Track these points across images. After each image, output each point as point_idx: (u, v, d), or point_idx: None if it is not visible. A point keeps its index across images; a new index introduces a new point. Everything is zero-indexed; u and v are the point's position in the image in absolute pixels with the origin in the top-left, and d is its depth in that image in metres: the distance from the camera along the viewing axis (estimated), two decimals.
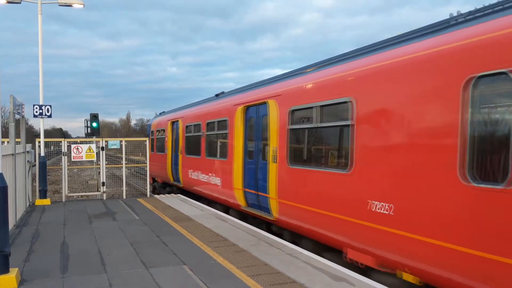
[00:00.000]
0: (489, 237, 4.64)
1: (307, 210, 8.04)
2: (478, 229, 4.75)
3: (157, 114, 24.42)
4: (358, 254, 6.70)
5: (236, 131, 11.39)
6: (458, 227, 5.01)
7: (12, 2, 14.31)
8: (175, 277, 6.23)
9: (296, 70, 9.75)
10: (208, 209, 12.56)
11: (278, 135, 9.15)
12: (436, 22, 6.13)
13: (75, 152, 14.80)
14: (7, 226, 6.01)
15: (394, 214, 5.92)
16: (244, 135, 11.26)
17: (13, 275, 5.87)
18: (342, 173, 6.99)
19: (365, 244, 6.55)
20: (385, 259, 6.19)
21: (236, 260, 7.05)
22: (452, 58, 5.20)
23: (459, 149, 4.99)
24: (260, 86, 10.96)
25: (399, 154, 5.91)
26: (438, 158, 5.27)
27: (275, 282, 5.94)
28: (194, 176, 14.97)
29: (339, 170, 7.15)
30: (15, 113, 10.99)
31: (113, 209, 12.77)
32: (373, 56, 6.79)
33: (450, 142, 5.12)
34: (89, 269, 6.64)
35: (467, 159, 4.92)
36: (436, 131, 5.35)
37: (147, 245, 8.18)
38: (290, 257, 7.21)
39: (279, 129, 9.15)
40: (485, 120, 4.87)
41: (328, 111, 7.71)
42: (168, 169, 18.21)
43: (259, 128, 10.46)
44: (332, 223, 7.29)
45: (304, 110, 8.41)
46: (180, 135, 16.77)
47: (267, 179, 9.59)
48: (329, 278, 6.12)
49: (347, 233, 6.93)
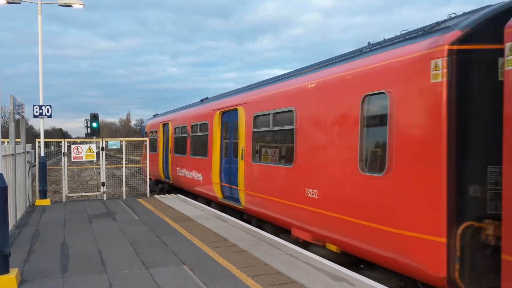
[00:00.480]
0: (375, 211, 6.32)
1: (265, 198, 9.82)
2: (370, 205, 6.45)
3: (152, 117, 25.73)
4: (300, 232, 8.46)
5: (215, 132, 13.10)
6: (357, 204, 6.72)
7: (12, 2, 14.32)
8: (175, 277, 6.23)
9: (260, 82, 11.69)
10: (208, 209, 12.56)
11: (245, 136, 10.90)
12: (353, 50, 7.99)
13: (75, 152, 14.80)
14: (7, 226, 6.01)
15: (318, 198, 7.75)
16: (221, 136, 12.95)
17: (13, 275, 5.87)
18: (288, 167, 8.87)
19: (303, 223, 8.31)
20: (317, 234, 7.94)
21: (236, 260, 7.05)
22: (355, 80, 7.00)
23: (359, 148, 6.72)
24: (235, 94, 12.72)
25: (322, 151, 7.76)
26: (347, 155, 7.00)
27: (275, 282, 5.94)
28: (181, 173, 16.64)
29: (286, 165, 9.00)
30: (15, 113, 10.99)
31: (113, 209, 12.77)
32: (308, 75, 8.63)
33: (354, 143, 6.82)
34: (89, 269, 6.64)
35: (362, 155, 6.69)
36: (346, 134, 7.07)
37: (147, 245, 8.18)
38: (290, 257, 7.21)
39: (246, 131, 10.90)
40: (372, 127, 6.62)
41: (279, 117, 9.47)
42: (160, 167, 19.79)
43: (232, 130, 12.14)
44: (283, 208, 9.05)
45: (263, 116, 10.20)
46: (170, 136, 18.28)
47: (237, 174, 11.31)
48: (329, 278, 6.12)
49: (292, 215, 8.68)
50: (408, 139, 5.91)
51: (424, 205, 5.56)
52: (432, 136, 5.53)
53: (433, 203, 5.44)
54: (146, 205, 13.50)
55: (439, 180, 5.36)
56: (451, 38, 5.41)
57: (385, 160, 6.16)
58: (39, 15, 14.59)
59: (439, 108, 5.39)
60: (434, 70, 5.51)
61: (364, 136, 6.67)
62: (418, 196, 5.68)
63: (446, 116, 5.33)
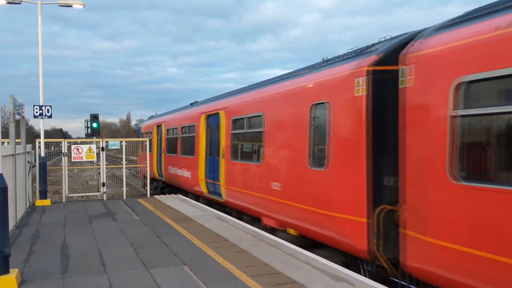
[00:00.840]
0: (320, 199, 7.77)
1: (241, 192, 11.25)
2: (315, 195, 7.92)
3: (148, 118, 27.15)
4: (267, 220, 9.87)
5: (201, 134, 14.57)
6: (307, 194, 8.18)
7: (12, 2, 14.32)
8: (175, 278, 6.23)
9: (238, 89, 13.30)
10: (209, 210, 12.56)
11: (225, 137, 12.34)
12: (309, 65, 9.47)
13: (75, 153, 14.81)
14: (7, 227, 6.01)
15: (280, 190, 9.23)
16: (206, 137, 14.36)
17: (13, 275, 5.87)
18: (258, 164, 10.34)
19: (270, 212, 9.73)
20: (280, 221, 9.36)
21: (236, 260, 7.05)
22: (306, 91, 8.53)
23: (308, 148, 8.22)
24: (218, 99, 14.19)
25: (283, 150, 9.26)
26: (300, 153, 8.45)
27: (276, 283, 5.94)
28: (172, 171, 17.91)
29: (257, 162, 10.47)
30: (15, 113, 10.99)
31: (113, 210, 12.77)
32: (273, 85, 10.20)
33: (305, 143, 8.31)
34: (89, 270, 6.64)
35: (310, 153, 8.18)
36: (300, 136, 8.51)
37: (147, 245, 8.18)
38: (291, 257, 7.21)
39: (226, 133, 12.32)
40: (316, 130, 8.16)
41: (252, 121, 10.86)
42: (154, 166, 21.05)
43: (215, 132, 13.49)
44: (255, 200, 10.46)
45: (240, 119, 11.59)
46: (163, 137, 19.78)
47: (219, 171, 12.80)
48: (330, 278, 6.11)
49: (262, 206, 10.12)
50: (340, 140, 7.34)
51: (351, 193, 6.98)
52: (355, 138, 6.95)
53: (357, 191, 6.83)
54: (146, 206, 13.50)
55: (361, 173, 6.75)
56: (369, 61, 6.82)
57: (325, 157, 7.69)
58: (39, 16, 14.60)
59: (360, 116, 6.82)
60: (356, 86, 6.96)
61: (312, 138, 8.22)
62: (347, 186, 7.12)
63: (365, 122, 6.73)
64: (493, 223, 4.66)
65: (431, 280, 5.65)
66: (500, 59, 4.63)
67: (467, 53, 5.11)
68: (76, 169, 37.11)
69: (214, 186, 13.44)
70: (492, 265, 4.63)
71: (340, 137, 7.34)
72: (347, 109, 7.18)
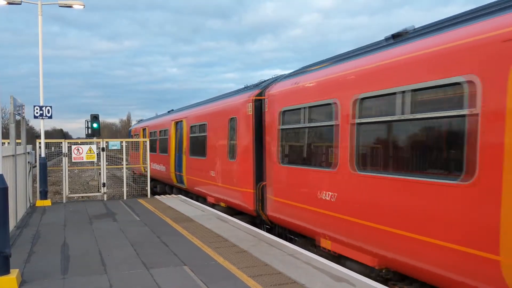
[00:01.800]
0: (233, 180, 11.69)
1: (195, 179, 15.43)
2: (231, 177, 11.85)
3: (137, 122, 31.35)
4: (210, 198, 13.93)
5: (171, 136, 18.75)
6: (228, 177, 12.05)
7: (12, 3, 14.33)
8: (176, 278, 6.23)
9: (195, 103, 17.67)
10: (209, 210, 12.57)
11: (186, 139, 16.59)
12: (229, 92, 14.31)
13: (76, 153, 14.81)
14: (7, 227, 6.01)
15: (214, 176, 13.21)
16: (175, 139, 18.46)
17: (14, 276, 5.87)
18: (204, 158, 14.40)
19: (210, 192, 13.85)
20: (217, 198, 13.34)
21: (236, 260, 7.05)
22: (226, 109, 12.60)
23: (227, 146, 12.13)
24: (184, 110, 18.66)
25: (216, 148, 13.24)
26: (224, 150, 12.47)
27: (276, 283, 5.94)
28: (153, 166, 21.25)
29: (203, 157, 14.48)
30: (16, 114, 10.99)
31: (113, 210, 12.78)
32: (212, 103, 14.49)
33: (226, 143, 12.31)
34: (90, 270, 6.64)
35: (229, 150, 12.05)
36: (223, 139, 12.58)
37: (147, 246, 8.18)
38: (291, 257, 7.21)
39: (186, 136, 16.59)
40: (231, 135, 12.03)
41: (201, 128, 14.99)
42: (141, 163, 24.02)
43: (180, 135, 17.62)
44: (203, 185, 14.59)
45: (194, 126, 15.75)
46: (147, 138, 23.46)
47: (182, 165, 16.91)
48: (330, 278, 6.11)
49: (207, 189, 14.16)
50: (242, 142, 11.35)
51: (247, 175, 10.99)
52: (248, 140, 11.03)
53: (249, 174, 10.90)
54: (147, 206, 13.50)
55: (251, 164, 10.85)
56: (254, 94, 10.91)
57: (235, 153, 11.71)
58: (40, 16, 14.60)
59: (250, 127, 10.95)
60: (249, 108, 10.99)
61: (229, 140, 12.21)
62: (244, 171, 11.13)
63: (252, 131, 10.85)
64: (292, 184, 8.95)
65: (277, 221, 9.87)
66: (296, 99, 8.80)
67: (284, 95, 9.39)
68: (76, 169, 37.08)
69: (180, 176, 17.48)
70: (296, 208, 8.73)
71: (242, 140, 11.36)
72: (244, 122, 11.20)
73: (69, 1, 14.91)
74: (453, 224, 5.16)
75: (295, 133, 8.99)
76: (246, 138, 11.02)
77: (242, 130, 11.26)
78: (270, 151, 9.81)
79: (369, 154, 6.83)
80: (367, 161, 6.79)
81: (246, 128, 11.04)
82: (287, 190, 9.04)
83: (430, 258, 5.46)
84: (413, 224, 5.68)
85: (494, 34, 4.85)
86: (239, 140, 11.39)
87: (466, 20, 5.58)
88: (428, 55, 5.64)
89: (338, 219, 7.24)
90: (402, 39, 6.60)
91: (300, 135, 8.82)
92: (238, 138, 11.45)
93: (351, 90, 6.97)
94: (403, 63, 6.02)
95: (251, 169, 10.71)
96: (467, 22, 5.46)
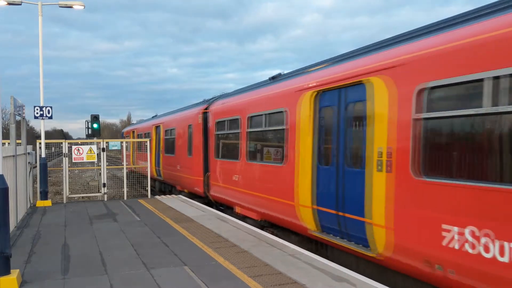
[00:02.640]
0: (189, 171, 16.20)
1: (169, 172, 19.46)
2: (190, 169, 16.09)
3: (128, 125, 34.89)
4: (178, 187, 18.18)
5: (152, 138, 22.72)
6: (188, 169, 16.29)
7: (13, 3, 14.33)
8: (176, 278, 6.22)
9: (169, 112, 22.36)
10: (209, 210, 12.57)
11: (162, 140, 20.83)
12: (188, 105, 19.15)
13: (76, 154, 14.81)
14: (8, 228, 6.01)
15: (179, 169, 17.39)
16: (155, 140, 22.54)
17: (14, 276, 5.87)
18: (172, 156, 18.64)
19: (179, 182, 17.88)
20: (183, 186, 17.44)
21: (237, 261, 7.04)
22: (186, 118, 16.88)
23: (188, 146, 16.31)
24: (162, 117, 23.12)
25: (180, 148, 17.32)
26: (186, 149, 16.59)
27: (276, 283, 5.93)
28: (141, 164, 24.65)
29: (172, 154, 18.67)
30: (16, 114, 10.99)
31: (114, 210, 12.78)
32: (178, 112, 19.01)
33: (186, 144, 16.50)
34: (90, 271, 6.64)
35: (188, 149, 16.26)
36: (186, 140, 16.67)
37: (148, 246, 8.18)
38: (292, 257, 7.21)
39: (163, 138, 20.78)
40: (189, 138, 16.25)
41: (172, 132, 18.92)
42: (131, 162, 28.44)
43: (159, 137, 21.94)
44: (173, 176, 18.80)
45: (167, 130, 19.81)
46: (129, 140, 28.83)
47: (159, 161, 21.28)
48: (330, 278, 6.11)
49: (176, 179, 18.34)
50: (195, 143, 15.31)
51: (198, 167, 14.90)
52: (199, 141, 14.93)
53: (199, 166, 14.82)
54: (147, 206, 13.50)
55: (201, 159, 14.70)
56: (203, 108, 14.81)
57: (191, 151, 15.70)
58: (40, 16, 14.61)
59: (200, 132, 14.77)
60: (199, 119, 14.88)
61: (188, 141, 16.17)
62: (197, 164, 15.00)
63: (202, 135, 14.65)
64: (220, 171, 12.94)
65: (215, 199, 13.77)
66: (223, 114, 12.79)
67: (217, 111, 13.30)
68: (77, 170, 37.08)
69: (158, 171, 21.65)
70: (224, 187, 12.71)
71: (195, 141, 15.36)
72: (197, 128, 15.20)
73: (69, 1, 14.92)
74: (279, 187, 9.26)
75: (223, 137, 13.11)
76: (198, 140, 15.05)
77: (195, 134, 15.38)
78: (210, 149, 13.89)
79: (253, 151, 10.97)
80: (252, 154, 10.93)
81: (198, 133, 15.11)
82: (219, 176, 13.18)
83: (276, 209, 9.48)
84: (268, 190, 9.85)
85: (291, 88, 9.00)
86: (194, 142, 15.49)
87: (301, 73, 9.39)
88: (276, 93, 9.71)
89: (241, 192, 11.40)
90: (275, 80, 10.75)
91: (225, 138, 12.98)
92: (193, 140, 15.54)
93: (246, 111, 11.17)
94: (266, 96, 10.18)
95: (201, 162, 14.73)
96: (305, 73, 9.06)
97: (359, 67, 6.87)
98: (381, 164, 6.17)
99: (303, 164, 8.34)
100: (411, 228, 5.63)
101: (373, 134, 6.37)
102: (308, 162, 8.19)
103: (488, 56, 4.73)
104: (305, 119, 8.28)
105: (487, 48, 4.76)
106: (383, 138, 6.14)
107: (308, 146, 8.20)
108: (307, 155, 8.23)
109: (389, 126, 6.05)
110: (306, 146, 8.27)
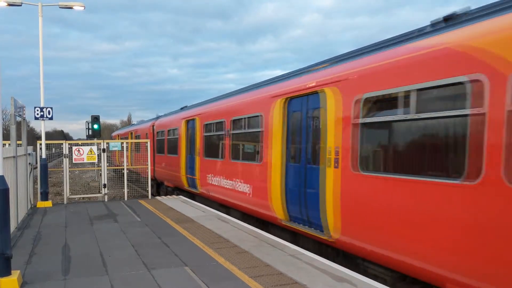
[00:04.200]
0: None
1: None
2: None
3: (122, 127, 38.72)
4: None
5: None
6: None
7: (13, 4, 14.34)
8: (177, 279, 6.22)
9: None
10: (210, 210, 12.56)
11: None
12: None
13: (77, 154, 14.81)
14: (8, 229, 6.01)
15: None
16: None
17: (15, 277, 5.87)
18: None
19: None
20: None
21: (238, 261, 7.04)
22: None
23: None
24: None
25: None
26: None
27: (277, 283, 5.93)
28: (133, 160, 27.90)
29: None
30: (16, 115, 10.99)
31: (114, 211, 12.78)
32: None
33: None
34: (91, 271, 6.64)
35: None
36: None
37: (148, 246, 8.18)
38: (292, 258, 7.20)
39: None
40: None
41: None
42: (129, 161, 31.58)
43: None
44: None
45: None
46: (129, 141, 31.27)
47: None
48: (331, 279, 6.10)
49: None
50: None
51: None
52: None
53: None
54: (148, 207, 13.50)
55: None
56: (153, 123, 23.24)
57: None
58: (40, 17, 14.61)
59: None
60: (152, 129, 23.35)
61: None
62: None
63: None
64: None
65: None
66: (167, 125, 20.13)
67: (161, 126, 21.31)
68: (77, 170, 37.08)
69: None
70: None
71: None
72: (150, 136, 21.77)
73: (69, 2, 14.92)
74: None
75: (160, 142, 20.31)
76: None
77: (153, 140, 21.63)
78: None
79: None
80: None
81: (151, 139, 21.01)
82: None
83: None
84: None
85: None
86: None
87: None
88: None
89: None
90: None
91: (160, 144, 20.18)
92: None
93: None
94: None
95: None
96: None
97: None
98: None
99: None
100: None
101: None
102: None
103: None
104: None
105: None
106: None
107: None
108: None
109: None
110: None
